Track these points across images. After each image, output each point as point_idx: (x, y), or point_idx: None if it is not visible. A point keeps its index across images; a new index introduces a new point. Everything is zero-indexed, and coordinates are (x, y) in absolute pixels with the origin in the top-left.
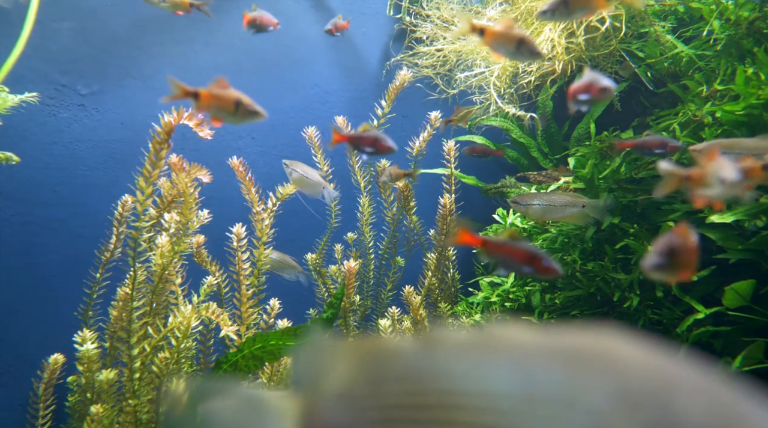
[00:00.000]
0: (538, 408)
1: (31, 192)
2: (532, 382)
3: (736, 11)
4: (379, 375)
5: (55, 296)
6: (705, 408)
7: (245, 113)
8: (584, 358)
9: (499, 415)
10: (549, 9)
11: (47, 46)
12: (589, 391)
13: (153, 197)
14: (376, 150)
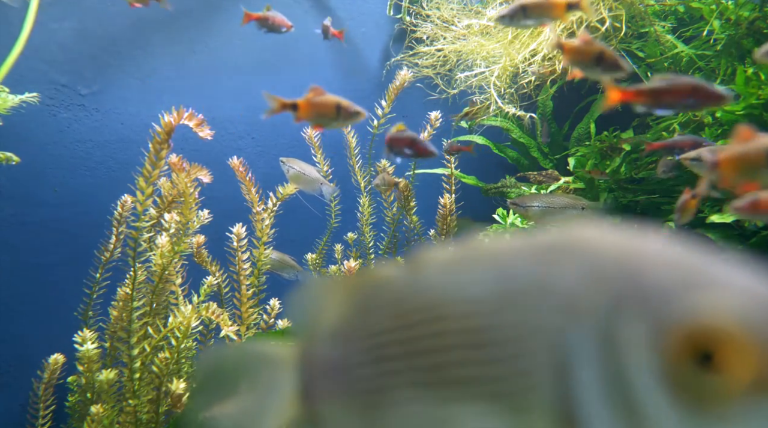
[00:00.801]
0: (516, 300)
1: (31, 192)
2: (508, 279)
3: (736, 11)
4: (368, 305)
5: (55, 296)
6: (671, 273)
7: (347, 115)
8: (557, 249)
9: (480, 316)
10: (508, 14)
11: (47, 46)
12: (561, 276)
13: (153, 197)
14: (415, 153)
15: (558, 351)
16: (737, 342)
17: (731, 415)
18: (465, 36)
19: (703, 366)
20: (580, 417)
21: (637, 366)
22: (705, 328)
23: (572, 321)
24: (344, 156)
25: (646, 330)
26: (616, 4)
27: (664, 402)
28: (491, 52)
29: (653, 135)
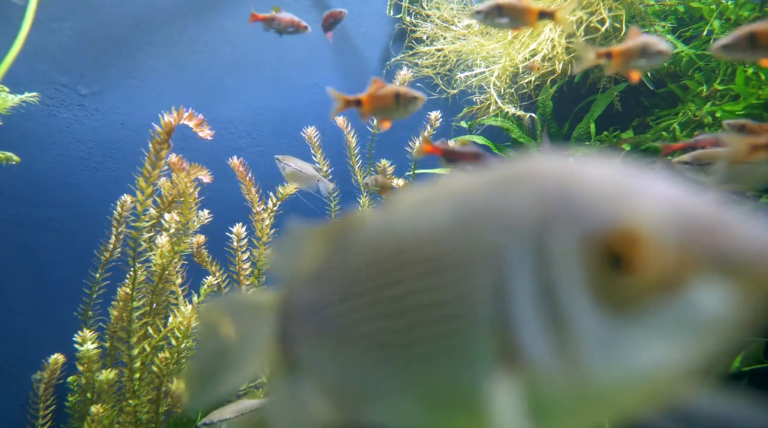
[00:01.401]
0: (467, 226)
1: (31, 192)
2: (462, 209)
3: (736, 11)
4: (341, 247)
5: (55, 296)
6: (598, 187)
7: (406, 101)
8: (507, 179)
9: (435, 244)
10: (483, 10)
11: (47, 46)
12: (507, 201)
13: (153, 197)
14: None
15: (499, 270)
16: (645, 243)
17: (644, 314)
18: (465, 36)
19: (618, 269)
20: (514, 329)
21: (564, 275)
22: (617, 232)
23: (512, 240)
24: (344, 156)
25: (570, 240)
26: (616, 4)
27: (586, 307)
28: (491, 52)
29: (653, 135)
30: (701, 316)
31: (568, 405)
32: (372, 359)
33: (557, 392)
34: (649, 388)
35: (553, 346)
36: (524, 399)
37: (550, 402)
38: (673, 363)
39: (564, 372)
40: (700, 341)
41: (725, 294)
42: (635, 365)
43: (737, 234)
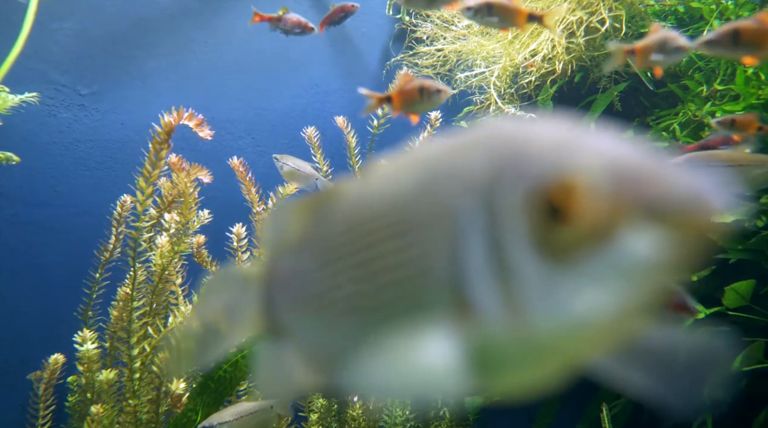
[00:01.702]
0: (430, 189)
1: (31, 192)
2: (428, 173)
3: (736, 11)
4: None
5: (55, 296)
6: (543, 144)
7: (429, 94)
8: (469, 142)
9: (402, 209)
10: (474, 6)
11: (47, 46)
12: (466, 163)
13: (153, 197)
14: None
15: (454, 229)
16: (579, 194)
17: (580, 263)
18: (465, 36)
19: (557, 220)
20: (466, 284)
21: (510, 228)
22: (554, 184)
23: (465, 199)
24: (344, 156)
25: (515, 195)
26: (616, 4)
27: (529, 258)
28: (491, 52)
29: (653, 135)
30: (632, 262)
31: (516, 356)
32: (345, 323)
33: (505, 343)
34: (589, 335)
35: (501, 297)
36: (475, 353)
37: (499, 354)
38: (609, 309)
39: (510, 322)
40: (632, 286)
41: (654, 239)
42: (573, 312)
43: (664, 182)
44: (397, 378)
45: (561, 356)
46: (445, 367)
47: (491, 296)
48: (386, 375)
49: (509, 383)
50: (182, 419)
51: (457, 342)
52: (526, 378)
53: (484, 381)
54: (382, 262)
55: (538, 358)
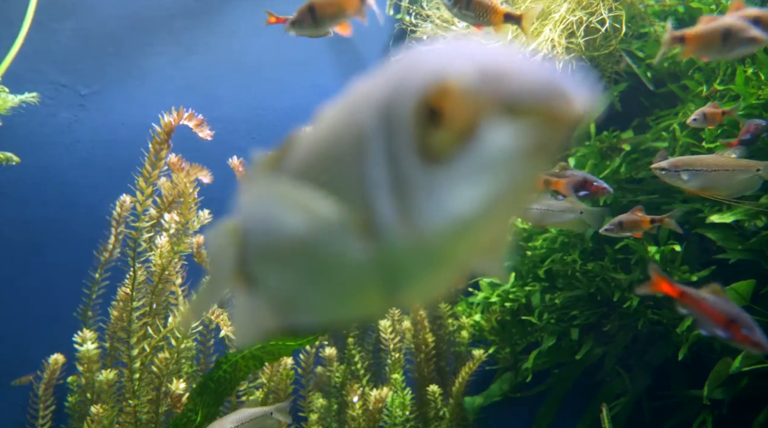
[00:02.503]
0: (350, 116)
1: (31, 192)
2: (351, 102)
3: None
4: (282, 168)
5: (55, 296)
6: (434, 58)
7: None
8: (383, 69)
9: (332, 140)
10: (296, 20)
11: (47, 46)
12: (376, 84)
13: (153, 197)
14: (589, 193)
15: (363, 150)
16: (449, 95)
17: (454, 163)
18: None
19: (435, 123)
20: (370, 200)
21: (402, 139)
22: (430, 88)
23: (372, 120)
24: None
25: (405, 105)
26: (616, 4)
27: (416, 164)
28: None
29: (653, 135)
30: (497, 154)
31: (416, 265)
32: (295, 266)
33: (406, 254)
34: (470, 231)
35: (396, 207)
36: (387, 268)
37: (404, 266)
38: (483, 203)
39: (406, 230)
40: (500, 178)
41: (516, 132)
42: (453, 210)
43: (522, 77)
44: (341, 310)
45: (453, 257)
46: (365, 285)
47: (390, 209)
48: (333, 308)
49: (416, 292)
50: (182, 419)
51: (373, 261)
52: (428, 285)
53: (396, 294)
54: (320, 179)
55: (435, 264)
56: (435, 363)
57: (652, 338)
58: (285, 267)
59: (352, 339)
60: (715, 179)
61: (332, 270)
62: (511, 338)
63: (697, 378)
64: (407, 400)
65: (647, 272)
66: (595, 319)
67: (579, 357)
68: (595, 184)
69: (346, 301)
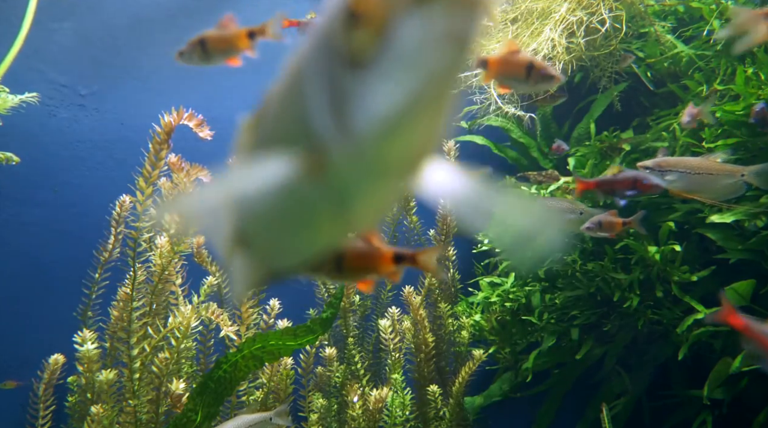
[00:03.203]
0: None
1: (31, 192)
2: (302, 44)
3: None
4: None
5: (55, 296)
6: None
7: (538, 78)
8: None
9: (286, 83)
10: (185, 51)
11: (47, 46)
12: (322, 18)
13: (153, 197)
14: (639, 192)
15: (308, 77)
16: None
17: (377, 62)
18: None
19: (357, 26)
20: (312, 122)
21: (333, 51)
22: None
23: (311, 47)
24: None
25: (334, 18)
26: (616, 4)
27: (345, 72)
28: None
29: (653, 135)
30: (412, 47)
31: (360, 177)
32: (270, 219)
33: (349, 167)
34: (402, 134)
35: (335, 121)
36: (334, 192)
37: (350, 183)
38: (408, 100)
39: (344, 140)
40: (419, 72)
41: (425, 21)
42: (381, 111)
43: None
44: (301, 241)
45: (391, 164)
46: (323, 214)
47: (328, 121)
48: (295, 242)
49: (366, 209)
50: (182, 419)
51: (323, 189)
52: (376, 200)
53: (349, 214)
54: (276, 140)
55: (376, 173)
56: (435, 363)
57: (652, 338)
58: (264, 223)
59: (352, 339)
60: (699, 182)
61: (295, 211)
62: (511, 338)
63: (697, 378)
64: (407, 400)
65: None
66: (595, 319)
67: (579, 357)
68: (644, 182)
69: (312, 235)
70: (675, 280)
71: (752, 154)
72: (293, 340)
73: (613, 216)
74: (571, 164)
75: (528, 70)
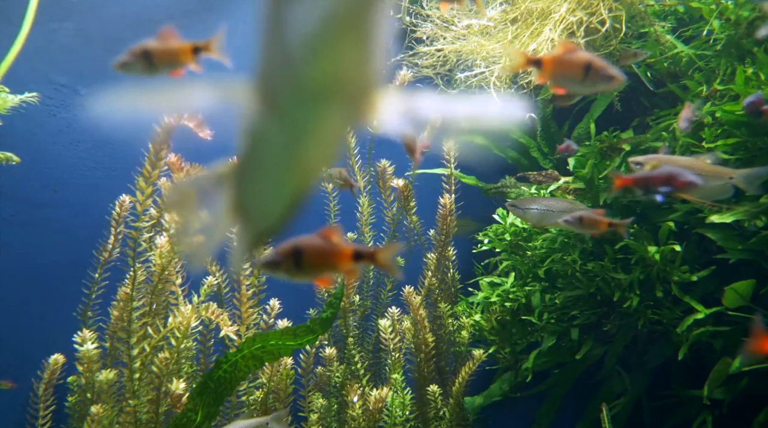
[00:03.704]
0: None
1: (31, 192)
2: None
3: (736, 11)
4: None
5: (55, 296)
6: None
7: (597, 78)
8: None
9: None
10: (127, 62)
11: (47, 46)
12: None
13: (153, 197)
14: (675, 188)
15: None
16: None
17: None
18: (465, 36)
19: None
20: (262, 58)
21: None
22: None
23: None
24: (344, 156)
25: None
26: (616, 4)
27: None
28: (491, 52)
29: (653, 135)
30: None
31: (301, 101)
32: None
33: (291, 92)
34: (326, 54)
35: (275, 49)
36: (287, 121)
37: (294, 109)
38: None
39: (282, 65)
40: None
41: None
42: (302, 32)
43: None
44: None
45: (326, 88)
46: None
47: (271, 52)
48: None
49: (319, 145)
50: (182, 419)
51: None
52: (326, 132)
53: (304, 151)
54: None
55: (315, 97)
56: (435, 363)
57: (652, 338)
58: (249, 174)
59: (352, 338)
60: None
61: (266, 152)
62: (511, 338)
63: (697, 378)
64: (407, 400)
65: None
66: (595, 319)
67: (579, 357)
68: (679, 179)
69: (282, 177)
70: (675, 280)
71: (752, 154)
72: (293, 340)
73: (598, 215)
74: (571, 164)
75: (586, 70)
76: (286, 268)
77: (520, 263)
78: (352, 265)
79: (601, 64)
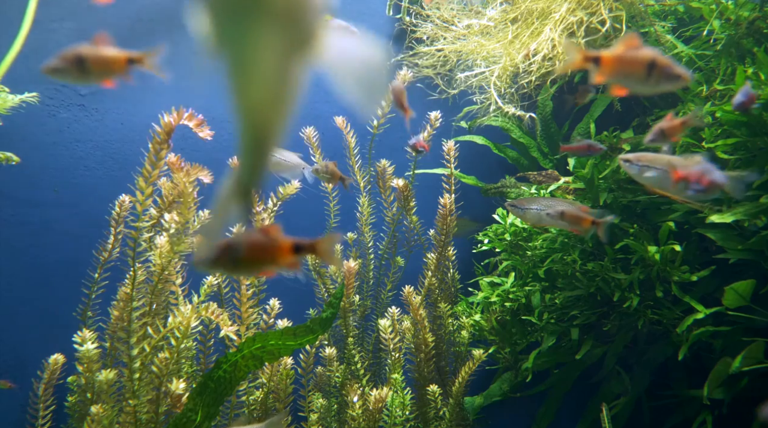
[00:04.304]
0: None
1: (31, 192)
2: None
3: (736, 11)
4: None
5: (55, 296)
6: None
7: (662, 76)
8: None
9: None
10: (58, 67)
11: (47, 46)
12: None
13: (153, 197)
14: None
15: None
16: None
17: None
18: (465, 36)
19: None
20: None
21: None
22: None
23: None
24: (344, 156)
25: None
26: (616, 4)
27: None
28: (491, 52)
29: None
30: None
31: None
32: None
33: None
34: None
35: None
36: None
37: (227, 28)
38: None
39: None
40: None
41: None
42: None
43: None
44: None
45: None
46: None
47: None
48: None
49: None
50: (182, 419)
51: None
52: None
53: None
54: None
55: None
56: (435, 363)
57: (652, 338)
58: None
59: (352, 338)
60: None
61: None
62: (511, 338)
63: (697, 378)
64: (407, 400)
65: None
66: (595, 319)
67: (579, 357)
68: (706, 177)
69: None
70: (675, 280)
71: (752, 154)
72: (293, 340)
73: (583, 212)
74: (571, 164)
75: (649, 69)
76: (223, 264)
77: (520, 263)
78: (293, 258)
79: (667, 62)
